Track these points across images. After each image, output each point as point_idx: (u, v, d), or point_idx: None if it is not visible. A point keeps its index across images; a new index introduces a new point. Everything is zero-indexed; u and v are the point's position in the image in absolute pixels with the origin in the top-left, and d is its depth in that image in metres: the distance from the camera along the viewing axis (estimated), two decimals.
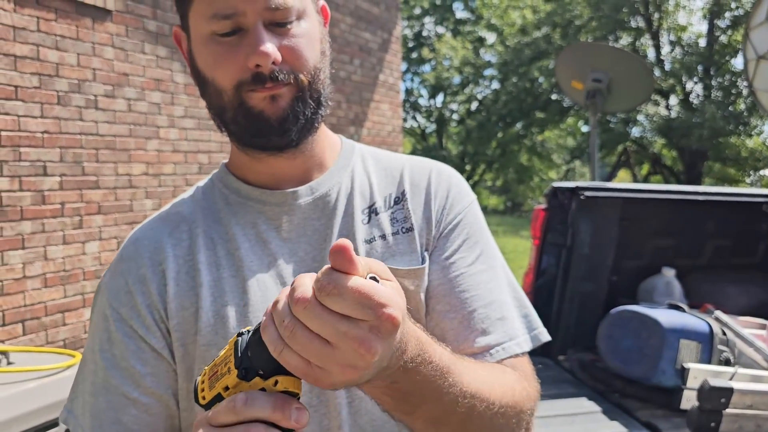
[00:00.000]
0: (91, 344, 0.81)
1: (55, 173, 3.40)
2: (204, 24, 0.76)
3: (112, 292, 0.81)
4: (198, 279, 0.80)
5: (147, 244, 0.82)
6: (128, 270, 0.81)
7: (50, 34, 3.35)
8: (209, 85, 0.78)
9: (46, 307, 3.36)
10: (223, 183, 0.87)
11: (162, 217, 0.86)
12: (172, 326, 0.79)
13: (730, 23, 16.41)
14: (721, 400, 1.95)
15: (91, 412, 0.78)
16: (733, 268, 3.16)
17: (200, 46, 0.78)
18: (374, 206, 0.86)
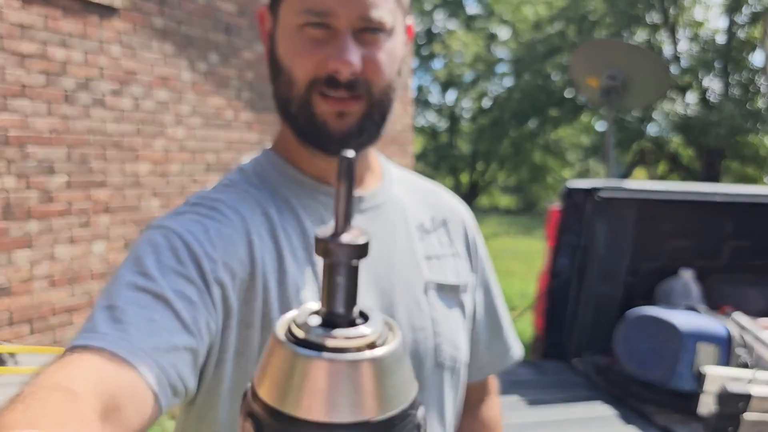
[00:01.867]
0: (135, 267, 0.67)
1: (62, 172, 3.38)
2: (295, 16, 0.75)
3: (182, 229, 0.70)
4: (283, 267, 0.75)
5: (231, 212, 0.75)
6: (208, 221, 0.73)
7: (57, 32, 3.33)
8: (284, 73, 0.77)
9: (53, 306, 3.34)
10: (278, 170, 0.83)
11: (233, 193, 0.79)
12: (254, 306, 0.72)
13: (749, 19, 16.19)
14: (739, 404, 1.95)
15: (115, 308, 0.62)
16: (752, 269, 3.11)
17: (286, 35, 0.77)
18: (423, 225, 0.90)
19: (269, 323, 0.73)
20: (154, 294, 0.64)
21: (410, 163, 7.02)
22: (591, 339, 2.76)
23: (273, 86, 0.81)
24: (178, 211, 0.76)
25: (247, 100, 4.70)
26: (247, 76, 4.70)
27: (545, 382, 2.53)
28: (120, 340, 0.58)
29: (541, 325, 2.84)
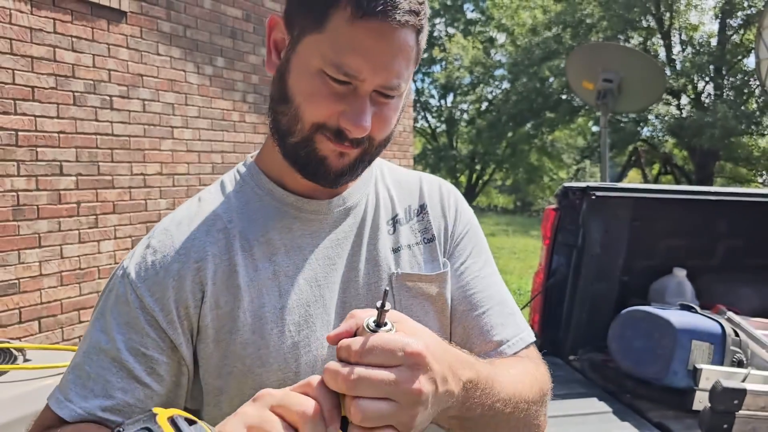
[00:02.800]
0: (101, 324, 0.79)
1: (71, 173, 3.44)
2: (320, 60, 0.75)
3: (139, 278, 0.79)
4: (236, 280, 0.81)
5: (183, 240, 0.81)
6: (161, 262, 0.79)
7: (66, 36, 3.39)
8: (292, 106, 0.78)
9: (61, 304, 3.40)
10: (257, 183, 0.87)
11: (196, 214, 0.85)
12: (204, 324, 0.79)
13: (742, 22, 16.27)
14: (733, 401, 1.93)
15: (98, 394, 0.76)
16: (745, 268, 3.14)
17: (304, 71, 0.76)
18: (397, 217, 0.92)
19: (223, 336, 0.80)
20: (112, 357, 0.77)
21: (410, 164, 7.08)
22: (587, 336, 2.78)
23: (274, 105, 0.81)
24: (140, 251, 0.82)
25: (252, 103, 4.77)
26: (252, 79, 4.76)
27: None
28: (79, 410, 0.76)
29: (537, 323, 2.87)
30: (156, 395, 0.77)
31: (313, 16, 0.75)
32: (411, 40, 0.76)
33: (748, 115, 15.22)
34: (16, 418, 1.80)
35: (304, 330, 0.81)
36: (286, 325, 0.81)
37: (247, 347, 0.79)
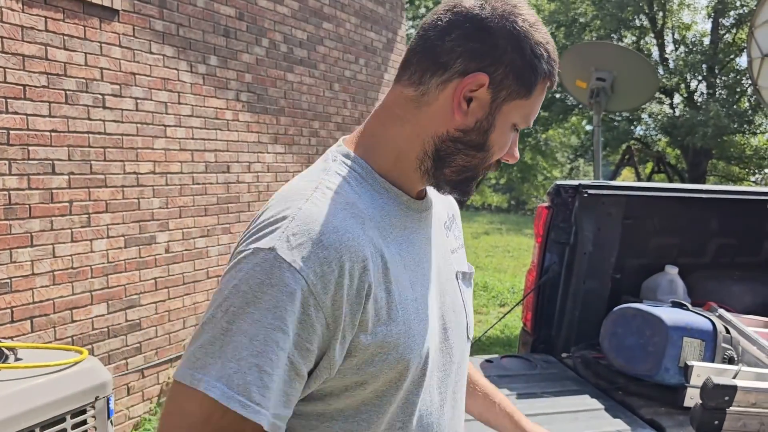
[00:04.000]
0: (269, 321, 0.76)
1: (63, 172, 3.43)
2: (519, 118, 0.92)
3: (312, 276, 0.78)
4: (387, 274, 0.87)
5: (349, 237, 0.82)
6: (334, 259, 0.80)
7: (58, 34, 3.38)
8: (487, 154, 0.93)
9: (54, 303, 3.39)
10: (374, 182, 0.93)
11: (342, 209, 0.85)
12: (365, 318, 0.83)
13: (735, 21, 16.36)
14: (724, 398, 1.94)
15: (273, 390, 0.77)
16: (736, 266, 3.16)
17: (504, 126, 0.92)
18: (447, 222, 1.08)
19: (379, 328, 0.85)
20: (288, 357, 0.78)
21: None
22: (579, 334, 2.80)
23: (463, 146, 0.92)
24: (303, 242, 0.79)
25: (246, 102, 4.76)
26: (246, 78, 4.76)
27: (534, 375, 2.53)
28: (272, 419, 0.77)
29: (530, 321, 2.89)
30: (302, 384, 0.82)
31: (525, 87, 0.90)
32: None
33: (741, 113, 15.31)
34: (6, 418, 1.80)
35: (429, 318, 0.93)
36: (420, 315, 0.91)
37: (400, 336, 0.86)
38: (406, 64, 0.94)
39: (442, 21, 0.90)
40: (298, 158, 5.38)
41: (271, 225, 0.82)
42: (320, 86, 5.65)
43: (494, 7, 0.89)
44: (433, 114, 0.91)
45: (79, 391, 1.99)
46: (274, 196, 0.90)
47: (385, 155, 0.94)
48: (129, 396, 3.88)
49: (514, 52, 0.88)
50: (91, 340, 3.61)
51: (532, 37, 0.89)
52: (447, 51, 0.88)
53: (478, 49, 0.88)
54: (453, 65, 0.88)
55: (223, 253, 4.58)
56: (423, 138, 0.92)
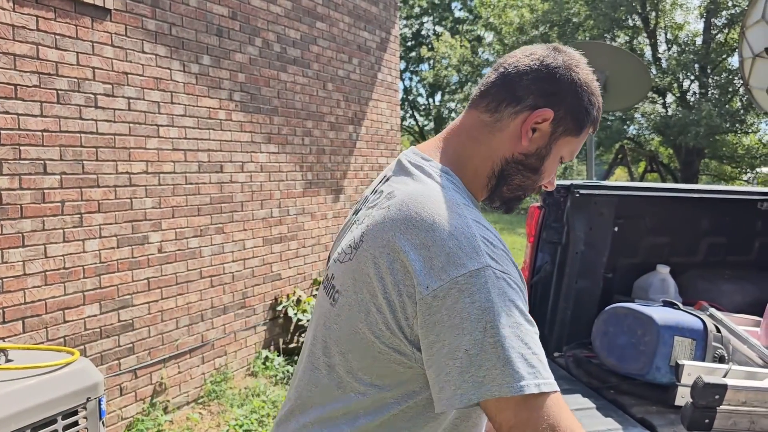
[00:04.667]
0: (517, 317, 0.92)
1: (55, 171, 3.41)
2: (567, 152, 1.15)
3: (515, 276, 0.97)
4: None
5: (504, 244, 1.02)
6: (513, 263, 1.00)
7: (49, 33, 3.37)
8: (539, 177, 1.15)
9: (46, 304, 3.38)
10: (467, 195, 1.10)
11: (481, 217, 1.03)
12: None
13: (727, 21, 16.43)
14: (715, 396, 1.95)
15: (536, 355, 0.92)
16: (727, 265, 3.18)
17: (555, 157, 1.14)
18: None
19: None
20: (537, 336, 0.94)
21: None
22: (571, 333, 2.80)
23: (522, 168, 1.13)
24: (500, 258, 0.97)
25: (239, 101, 4.75)
26: (239, 77, 4.75)
27: None
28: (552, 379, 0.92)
29: None
30: None
31: (578, 127, 1.12)
32: None
33: (733, 113, 15.37)
34: (0, 417, 1.79)
35: None
36: None
37: None
38: (484, 94, 1.13)
39: (521, 63, 1.11)
40: (291, 158, 5.37)
41: (465, 248, 0.94)
42: (313, 86, 5.65)
43: (563, 59, 1.11)
44: (504, 138, 1.11)
45: (70, 392, 1.99)
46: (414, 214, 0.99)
47: (467, 171, 1.12)
48: (122, 396, 3.87)
49: (574, 97, 1.10)
50: (83, 340, 3.60)
51: (590, 89, 1.12)
52: (522, 87, 1.09)
53: (547, 89, 1.09)
54: (525, 100, 1.09)
55: (216, 253, 4.58)
56: (493, 159, 1.12)
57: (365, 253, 1.00)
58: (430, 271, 0.92)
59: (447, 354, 0.90)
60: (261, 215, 5.04)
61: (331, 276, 1.11)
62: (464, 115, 1.16)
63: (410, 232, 0.96)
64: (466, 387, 0.88)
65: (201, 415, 4.29)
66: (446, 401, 0.90)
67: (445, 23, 27.20)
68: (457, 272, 0.91)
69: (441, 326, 0.91)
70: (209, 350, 4.59)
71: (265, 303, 5.18)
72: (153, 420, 3.97)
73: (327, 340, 1.08)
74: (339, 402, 1.05)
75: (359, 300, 1.00)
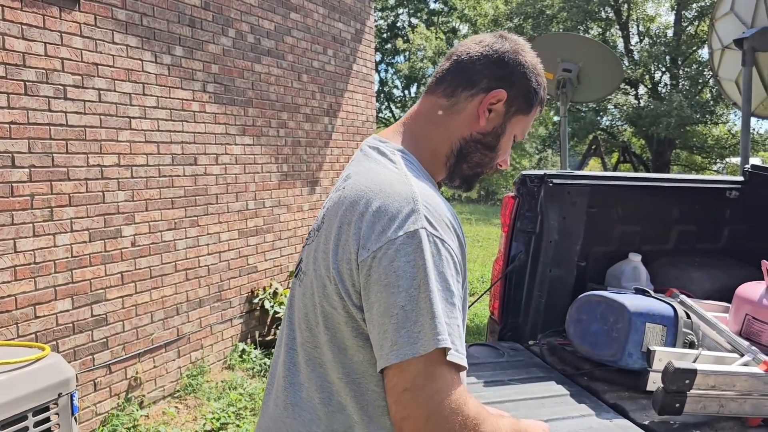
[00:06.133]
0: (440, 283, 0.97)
1: (23, 164, 3.35)
2: (519, 130, 1.24)
3: (451, 243, 1.02)
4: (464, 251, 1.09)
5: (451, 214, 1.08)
6: (456, 228, 1.06)
7: (16, 23, 3.29)
8: (496, 154, 1.23)
9: (16, 299, 3.32)
10: (425, 174, 1.16)
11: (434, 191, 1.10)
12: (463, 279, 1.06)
13: (697, 14, 16.66)
14: (685, 381, 1.98)
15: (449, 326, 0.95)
16: (697, 253, 3.23)
17: (509, 135, 1.23)
18: None
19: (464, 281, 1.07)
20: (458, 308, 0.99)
21: None
22: (545, 321, 2.82)
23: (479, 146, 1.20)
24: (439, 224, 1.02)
25: (213, 93, 4.70)
26: (212, 69, 4.69)
27: (502, 363, 2.53)
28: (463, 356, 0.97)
29: (497, 309, 2.91)
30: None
31: (528, 106, 1.23)
32: None
33: (703, 104, 15.62)
34: None
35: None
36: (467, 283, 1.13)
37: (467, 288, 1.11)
38: (440, 80, 1.21)
39: (473, 50, 1.20)
40: (266, 150, 5.33)
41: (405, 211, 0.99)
42: (288, 77, 5.61)
43: (510, 45, 1.21)
44: (462, 120, 1.19)
45: (40, 389, 1.95)
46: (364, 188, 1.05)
47: (425, 152, 1.19)
48: (96, 392, 3.82)
49: (523, 79, 1.20)
50: (55, 336, 3.54)
51: (536, 71, 1.22)
52: (476, 72, 1.18)
53: (499, 73, 1.18)
54: (480, 83, 1.18)
55: (190, 246, 4.53)
56: (452, 139, 1.19)
57: (324, 233, 1.09)
58: (372, 235, 0.99)
59: (384, 312, 0.95)
60: (236, 207, 5.00)
61: (300, 260, 1.21)
62: (421, 101, 1.24)
63: (360, 204, 1.03)
64: (402, 342, 0.92)
65: (177, 409, 4.26)
66: (384, 358, 0.95)
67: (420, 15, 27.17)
68: (395, 234, 0.97)
69: (378, 285, 0.96)
70: (185, 344, 4.56)
71: (241, 296, 5.15)
72: (128, 415, 3.93)
73: (296, 319, 1.15)
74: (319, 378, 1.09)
75: (318, 276, 1.07)
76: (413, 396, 0.91)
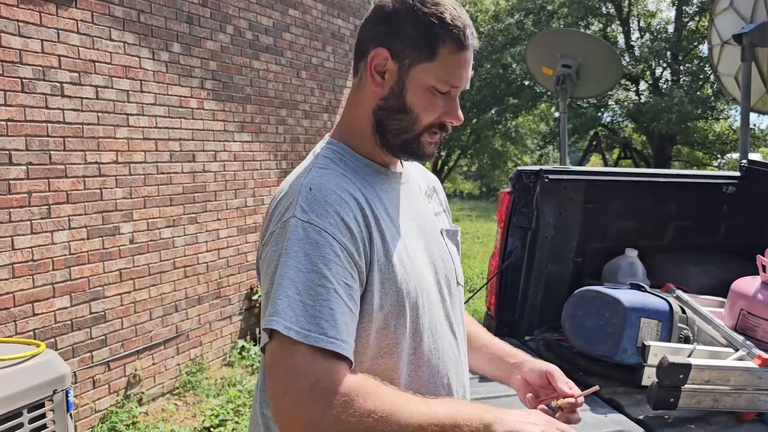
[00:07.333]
0: (307, 266, 0.98)
1: (21, 162, 3.35)
2: (433, 80, 1.08)
3: (328, 225, 1.01)
4: (380, 224, 1.08)
5: (346, 195, 1.06)
6: (340, 210, 1.02)
7: (12, 20, 3.29)
8: (411, 115, 1.11)
9: (14, 297, 3.32)
10: (354, 159, 1.16)
11: (334, 176, 1.09)
12: (372, 257, 1.05)
13: (698, 9, 16.62)
14: (679, 376, 1.99)
15: (325, 318, 0.96)
16: (693, 248, 3.23)
17: (419, 88, 1.09)
18: (428, 192, 1.32)
19: (381, 266, 1.06)
20: (332, 290, 0.98)
21: None
22: (542, 317, 2.83)
23: (387, 113, 1.12)
24: (317, 211, 1.02)
25: (211, 90, 4.70)
26: (210, 65, 4.69)
27: None
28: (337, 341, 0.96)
29: (493, 305, 2.91)
30: (355, 317, 1.01)
31: (426, 52, 1.07)
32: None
33: (704, 100, 15.59)
34: None
35: (418, 260, 1.14)
36: (411, 257, 1.12)
37: (397, 273, 1.07)
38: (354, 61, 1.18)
39: (363, 21, 1.15)
40: (265, 146, 5.34)
41: (287, 203, 1.05)
42: (287, 74, 5.60)
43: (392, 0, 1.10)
44: (367, 93, 1.14)
45: (35, 385, 1.96)
46: (281, 187, 1.13)
47: (354, 137, 1.17)
48: (95, 389, 3.83)
49: (408, 27, 1.08)
50: (53, 333, 3.55)
51: (420, 11, 1.07)
52: (365, 40, 1.13)
53: (382, 31, 1.10)
54: (367, 50, 1.12)
55: (189, 243, 4.54)
56: (367, 115, 1.14)
57: None
58: (265, 233, 1.08)
59: (264, 298, 1.04)
60: (235, 204, 5.01)
61: None
62: None
63: (269, 206, 1.12)
64: (264, 325, 0.98)
65: (176, 406, 4.27)
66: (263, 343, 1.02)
67: None
68: (273, 227, 1.04)
69: (262, 275, 1.07)
70: (184, 341, 4.57)
71: (240, 293, 5.16)
72: (127, 412, 3.94)
73: None
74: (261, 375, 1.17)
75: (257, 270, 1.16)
76: (270, 374, 0.96)
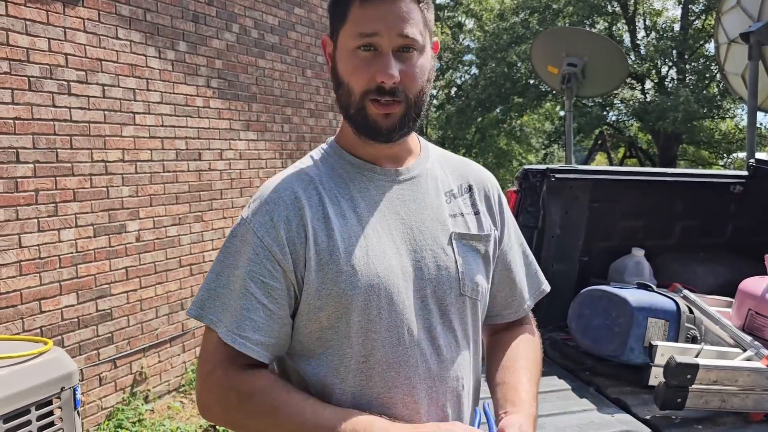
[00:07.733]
0: (230, 261, 1.06)
1: (28, 160, 3.36)
2: (350, 40, 1.03)
3: (257, 224, 1.04)
4: (330, 224, 1.05)
5: (288, 194, 1.06)
6: (273, 210, 1.05)
7: (20, 19, 3.30)
8: (344, 86, 1.06)
9: (21, 294, 3.34)
10: (338, 156, 1.14)
11: (294, 176, 1.10)
12: (308, 257, 1.04)
13: (704, 7, 16.55)
14: (687, 376, 1.98)
15: (229, 310, 1.03)
16: (701, 248, 3.22)
17: (344, 56, 1.05)
18: (452, 192, 1.20)
19: (322, 266, 1.03)
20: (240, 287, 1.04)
21: None
22: (547, 316, 2.81)
23: (336, 95, 1.10)
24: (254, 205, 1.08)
25: (217, 88, 4.71)
26: (216, 64, 4.70)
27: None
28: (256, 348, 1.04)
29: None
30: (274, 315, 1.03)
31: (340, 17, 1.05)
32: (413, 10, 1.03)
33: (710, 99, 15.51)
34: None
35: (382, 263, 1.06)
36: (370, 259, 1.05)
37: (341, 275, 1.03)
38: None
39: None
40: (270, 145, 5.34)
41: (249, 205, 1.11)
42: (292, 72, 5.61)
43: None
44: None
45: (43, 382, 1.97)
46: None
47: (344, 134, 1.15)
48: (101, 386, 3.84)
49: (330, 5, 1.10)
50: (60, 330, 3.56)
51: None
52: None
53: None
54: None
55: (195, 241, 4.55)
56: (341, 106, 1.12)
57: None
58: None
59: None
60: (240, 203, 5.02)
61: None
62: None
63: None
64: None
65: (182, 403, 4.28)
66: None
67: None
68: None
69: None
70: (190, 339, 4.58)
71: None
72: (134, 409, 3.95)
73: None
74: None
75: None
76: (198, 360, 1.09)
